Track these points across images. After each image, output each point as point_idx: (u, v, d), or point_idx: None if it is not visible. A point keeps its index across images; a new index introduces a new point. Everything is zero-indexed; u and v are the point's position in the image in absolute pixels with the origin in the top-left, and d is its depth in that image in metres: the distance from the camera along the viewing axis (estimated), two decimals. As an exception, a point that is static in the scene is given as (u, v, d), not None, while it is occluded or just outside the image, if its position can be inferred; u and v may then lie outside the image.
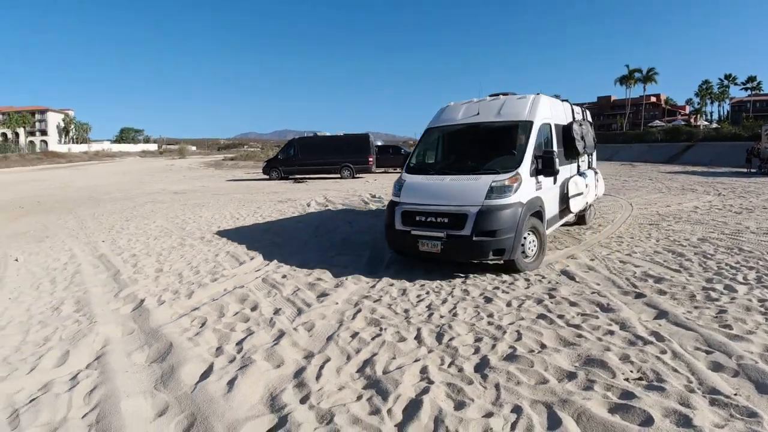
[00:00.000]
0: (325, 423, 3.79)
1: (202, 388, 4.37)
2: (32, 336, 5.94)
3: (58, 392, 4.45)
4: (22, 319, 6.56)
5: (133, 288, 7.71)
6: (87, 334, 5.79)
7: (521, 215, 7.65)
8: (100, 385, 4.51)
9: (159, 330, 5.83)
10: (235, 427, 3.78)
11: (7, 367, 5.07)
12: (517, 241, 7.61)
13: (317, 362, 4.85)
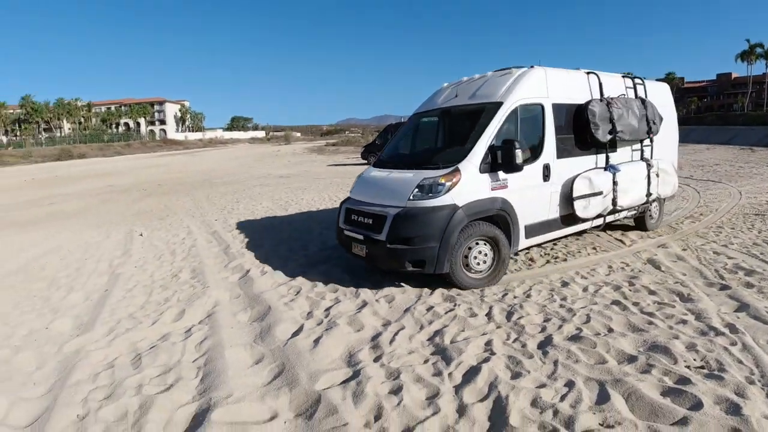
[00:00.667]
0: (392, 379, 4.32)
1: (292, 344, 5.08)
2: (154, 297, 6.99)
3: (174, 341, 5.36)
4: (146, 284, 7.68)
5: (240, 260, 8.69)
6: (200, 296, 6.74)
7: (453, 221, 6.42)
8: (209, 337, 5.37)
9: (260, 295, 6.67)
10: (317, 376, 4.42)
11: (133, 321, 6.09)
12: (444, 252, 6.38)
13: (393, 329, 5.39)
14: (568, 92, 7.92)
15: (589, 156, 8.15)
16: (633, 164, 8.72)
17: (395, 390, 4.13)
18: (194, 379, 4.51)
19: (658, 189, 9.13)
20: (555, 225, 7.80)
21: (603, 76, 8.56)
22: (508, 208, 6.95)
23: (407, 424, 3.65)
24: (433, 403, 3.92)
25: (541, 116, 7.49)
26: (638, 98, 8.98)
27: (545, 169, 7.43)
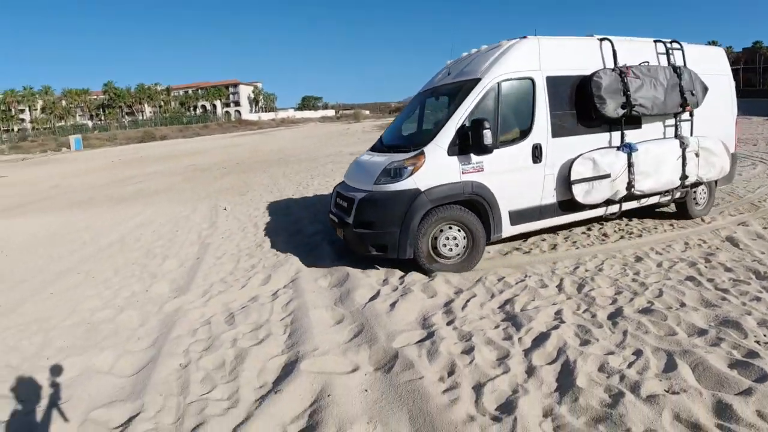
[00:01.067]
0: (464, 341, 4.58)
1: (370, 307, 5.43)
2: (242, 264, 7.53)
3: (263, 303, 5.85)
4: (233, 252, 8.26)
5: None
6: (284, 264, 7.23)
7: (414, 206, 6.26)
8: (293, 300, 5.82)
9: (334, 262, 7.07)
10: (393, 335, 4.75)
11: (224, 285, 6.65)
12: (406, 237, 6.29)
13: (465, 297, 5.64)
14: (569, 63, 7.18)
15: (597, 134, 7.33)
16: (660, 142, 7.65)
17: (467, 350, 4.39)
18: (282, 335, 4.95)
19: (698, 171, 7.90)
20: (551, 211, 7.17)
21: (621, 41, 7.59)
22: (484, 193, 6.56)
23: (478, 380, 3.90)
24: (503, 363, 4.15)
25: (531, 91, 6.88)
26: (670, 66, 7.78)
27: (535, 150, 6.85)
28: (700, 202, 8.70)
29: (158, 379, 4.29)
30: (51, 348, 5.18)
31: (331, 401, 3.68)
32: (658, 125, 7.85)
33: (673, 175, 7.68)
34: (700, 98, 7.86)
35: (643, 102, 7.24)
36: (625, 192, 7.33)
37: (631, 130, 7.53)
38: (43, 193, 22.87)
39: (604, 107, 6.99)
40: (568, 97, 7.11)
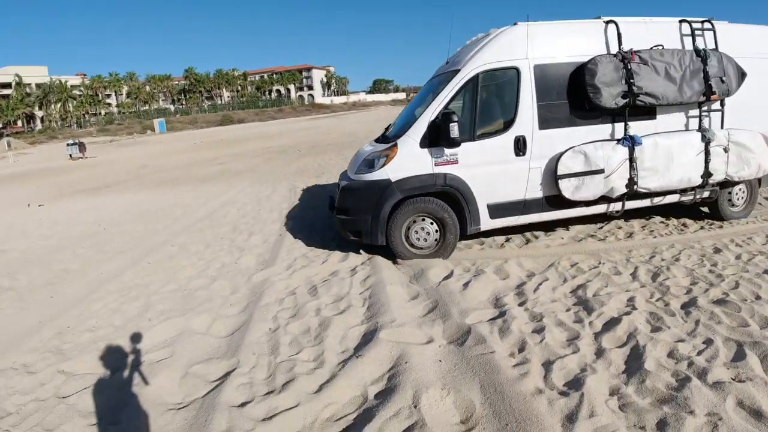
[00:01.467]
0: (535, 321, 4.74)
1: (444, 285, 5.67)
2: (321, 241, 7.92)
3: (343, 277, 6.21)
4: (312, 230, 8.67)
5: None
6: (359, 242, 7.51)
7: (384, 195, 6.47)
8: (371, 276, 6.14)
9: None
10: (466, 312, 4.97)
11: (306, 260, 7.10)
12: (376, 225, 6.53)
13: (537, 280, 5.78)
14: (564, 49, 6.77)
15: (595, 125, 6.85)
16: (673, 135, 6.97)
17: (538, 330, 4.55)
18: (362, 308, 5.29)
19: (727, 169, 7.13)
20: (537, 206, 6.89)
21: (631, 23, 7.00)
22: (459, 185, 6.54)
23: (548, 358, 4.07)
24: (572, 344, 4.29)
25: (516, 81, 6.62)
26: (694, 49, 7.02)
27: (518, 143, 6.62)
28: (737, 203, 7.86)
29: (251, 340, 4.72)
30: (152, 311, 5.77)
31: (408, 367, 3.96)
32: (677, 116, 7.14)
33: (692, 173, 7.00)
34: (733, 85, 7.05)
35: (649, 90, 6.67)
36: (624, 189, 6.82)
37: (641, 121, 6.94)
38: (132, 173, 24.39)
39: (597, 97, 6.55)
40: (559, 86, 6.73)
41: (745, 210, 7.97)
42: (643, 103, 6.70)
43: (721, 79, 6.94)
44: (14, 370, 4.71)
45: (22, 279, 7.72)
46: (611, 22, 6.87)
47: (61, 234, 10.91)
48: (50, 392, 4.24)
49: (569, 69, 6.68)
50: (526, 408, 3.40)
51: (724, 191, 7.69)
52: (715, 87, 6.90)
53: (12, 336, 5.56)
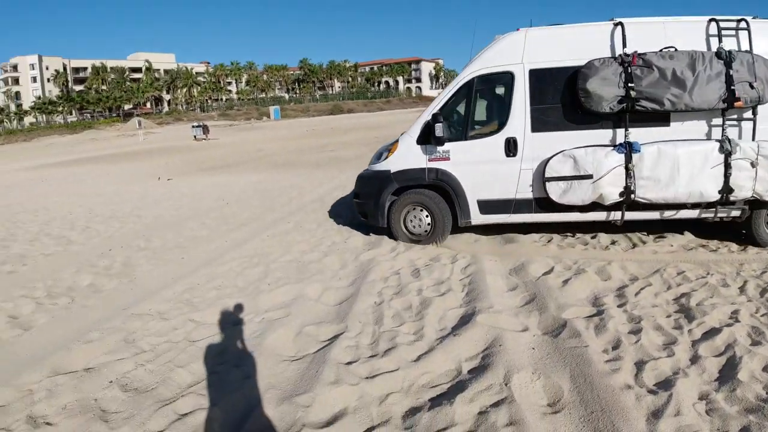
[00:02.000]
0: (633, 323, 4.76)
1: (543, 280, 5.81)
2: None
3: (444, 263, 6.52)
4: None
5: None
6: (464, 233, 7.79)
7: (383, 184, 7.36)
8: (471, 264, 6.40)
9: (515, 237, 7.53)
10: (563, 307, 5.09)
11: (409, 245, 7.40)
12: (377, 209, 7.43)
13: (640, 285, 5.73)
14: (563, 54, 6.64)
15: (592, 130, 6.64)
16: (683, 144, 6.41)
17: (634, 331, 4.59)
18: (461, 293, 5.57)
19: (755, 186, 6.34)
20: (527, 207, 6.94)
21: (640, 24, 6.66)
22: (449, 180, 7.05)
23: (641, 358, 4.11)
24: (668, 348, 4.29)
25: (510, 85, 6.77)
26: (717, 51, 6.33)
27: (509, 144, 6.78)
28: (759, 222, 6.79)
29: (358, 310, 5.17)
30: (271, 277, 6.41)
31: (502, 350, 4.19)
32: (696, 124, 6.54)
33: (706, 186, 6.37)
34: (766, 92, 6.26)
35: (651, 95, 6.28)
36: (617, 197, 6.53)
37: (651, 128, 6.52)
38: (250, 155, 26.01)
39: (588, 101, 6.38)
40: (554, 90, 6.67)
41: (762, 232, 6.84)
42: (644, 109, 6.35)
43: (750, 84, 6.22)
44: (150, 315, 5.45)
45: (156, 241, 8.71)
46: (619, 24, 6.57)
47: (188, 205, 12.05)
48: (181, 336, 4.90)
49: (567, 73, 6.58)
50: (613, 400, 3.51)
51: (761, 212, 6.71)
52: (740, 93, 6.21)
53: (148, 288, 6.39)
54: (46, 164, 32.87)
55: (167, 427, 3.53)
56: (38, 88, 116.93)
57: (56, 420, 3.72)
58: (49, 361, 4.55)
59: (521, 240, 7.39)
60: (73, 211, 12.77)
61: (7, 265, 8.01)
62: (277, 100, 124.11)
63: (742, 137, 6.43)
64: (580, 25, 6.92)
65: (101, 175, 22.22)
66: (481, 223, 7.29)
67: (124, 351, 4.65)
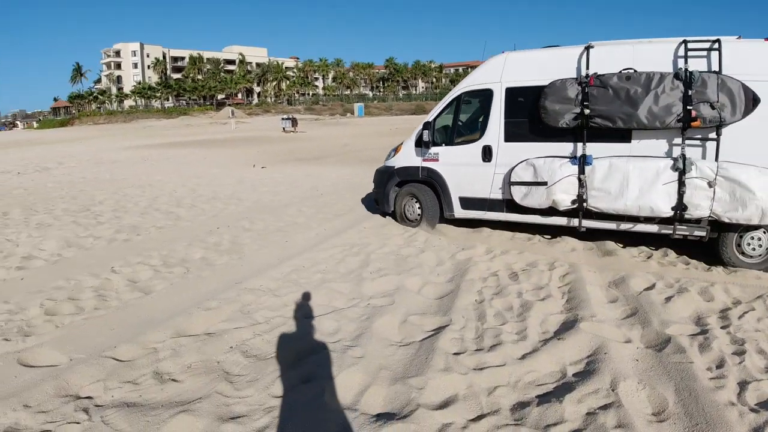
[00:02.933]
0: (736, 344, 4.62)
1: (645, 296, 5.72)
2: (519, 234, 8.28)
3: (542, 269, 6.56)
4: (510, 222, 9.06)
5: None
6: (559, 241, 7.79)
7: (388, 176, 8.94)
8: (570, 273, 6.38)
9: (614, 251, 7.39)
10: (667, 323, 5.03)
11: (504, 248, 7.48)
12: (383, 197, 9.07)
13: (743, 309, 5.52)
14: (535, 74, 7.32)
15: (556, 143, 7.23)
16: (636, 160, 6.67)
17: (738, 353, 4.50)
18: (561, 299, 5.60)
19: (713, 206, 6.33)
20: (498, 206, 7.85)
21: (608, 47, 7.04)
22: (436, 178, 8.33)
23: (744, 378, 4.05)
24: (771, 371, 4.24)
25: (489, 101, 7.75)
26: (676, 72, 6.44)
27: (485, 150, 7.80)
28: (751, 252, 6.61)
29: (460, 305, 5.34)
30: (372, 267, 6.71)
31: (607, 357, 4.23)
32: (656, 142, 6.74)
33: (657, 202, 6.54)
34: (728, 113, 6.21)
35: (604, 113, 6.70)
36: (570, 205, 7.08)
37: (612, 143, 6.89)
38: (336, 149, 26.68)
39: (546, 117, 7.04)
40: (524, 106, 7.42)
41: (763, 259, 6.59)
42: (597, 125, 6.81)
43: (711, 104, 6.24)
44: (261, 291, 5.85)
45: (258, 224, 9.24)
46: (589, 47, 7.00)
47: (285, 193, 12.63)
48: (293, 313, 5.24)
49: (535, 91, 7.18)
50: (717, 414, 3.52)
51: (729, 234, 6.61)
52: (698, 113, 6.29)
53: (257, 266, 6.85)
54: (146, 145, 35.02)
55: (290, 390, 3.83)
56: (138, 74, 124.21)
57: (182, 377, 4.10)
58: (172, 323, 5.01)
59: (620, 253, 7.29)
60: (177, 189, 13.66)
61: (123, 233, 8.75)
62: (361, 98, 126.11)
63: (705, 157, 6.50)
64: (553, 48, 7.56)
65: (199, 159, 23.47)
66: (463, 217, 8.37)
67: (240, 321, 5.04)
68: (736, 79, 6.24)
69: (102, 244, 8.13)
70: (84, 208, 11.27)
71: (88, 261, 7.22)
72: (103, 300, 5.73)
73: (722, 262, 6.72)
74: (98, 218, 10.09)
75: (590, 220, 7.22)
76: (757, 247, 6.59)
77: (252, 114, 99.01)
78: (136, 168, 19.89)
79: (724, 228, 6.56)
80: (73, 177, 17.50)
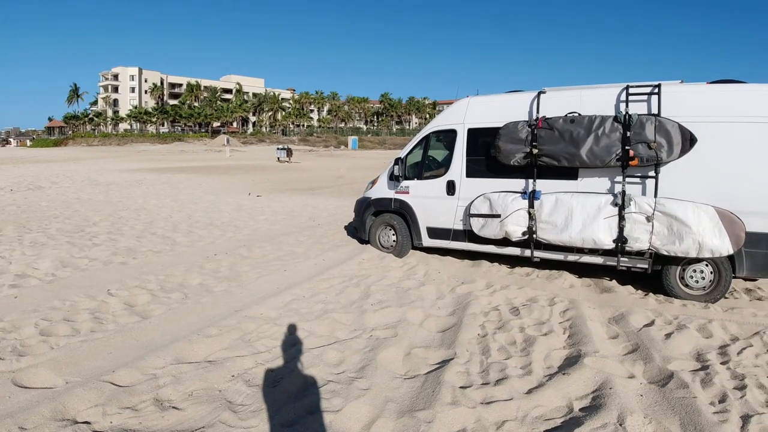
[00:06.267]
0: (737, 380, 4.63)
1: (645, 332, 5.72)
2: (518, 270, 8.28)
3: (543, 305, 6.54)
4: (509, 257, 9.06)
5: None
6: (557, 278, 7.80)
7: (363, 207, 9.59)
8: (570, 309, 6.37)
9: (612, 288, 7.43)
10: (668, 359, 5.01)
11: (504, 283, 7.48)
12: (360, 225, 9.68)
13: (741, 345, 5.51)
14: (493, 116, 7.93)
15: (510, 179, 7.83)
16: (580, 195, 7.16)
17: (739, 387, 4.50)
18: (563, 335, 5.59)
19: (652, 239, 6.70)
20: (461, 237, 8.35)
21: (564, 92, 7.60)
22: (406, 209, 8.95)
23: (746, 413, 4.07)
24: (773, 406, 4.24)
25: (453, 140, 8.39)
26: (615, 115, 6.94)
27: (449, 185, 8.41)
28: (693, 284, 6.91)
29: (463, 339, 5.30)
30: (372, 299, 6.68)
31: (613, 392, 4.22)
32: (600, 180, 7.26)
33: (599, 234, 6.95)
34: (665, 152, 6.62)
35: (550, 153, 7.27)
36: (521, 236, 7.51)
37: (561, 180, 7.44)
38: (332, 181, 26.78)
39: (498, 155, 7.65)
40: (484, 145, 8.01)
41: (710, 295, 6.86)
42: (545, 164, 7.36)
43: (648, 144, 6.68)
44: (262, 319, 5.80)
45: (257, 252, 9.20)
46: (540, 93, 7.61)
47: (283, 222, 12.63)
48: (295, 342, 5.17)
49: (493, 132, 7.76)
50: (723, 448, 3.51)
51: (672, 267, 6.96)
52: (635, 152, 6.76)
53: (256, 294, 6.79)
54: (141, 168, 34.95)
55: (296, 421, 3.77)
56: (135, 98, 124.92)
57: (183, 405, 4.03)
58: (171, 349, 4.94)
59: (618, 290, 7.32)
60: (173, 215, 13.61)
61: (119, 256, 8.68)
62: (355, 131, 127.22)
63: (645, 193, 6.95)
64: (511, 94, 8.18)
65: (194, 185, 23.44)
66: (430, 245, 8.90)
67: (242, 349, 4.98)
68: (673, 121, 6.65)
69: (98, 266, 8.05)
70: (79, 228, 11.20)
71: (84, 282, 7.15)
72: (99, 323, 5.65)
73: (665, 293, 7.07)
74: (93, 239, 10.01)
75: (541, 251, 7.66)
76: (700, 279, 6.92)
77: (247, 143, 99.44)
78: (131, 191, 19.82)
79: (667, 261, 6.93)
80: (68, 197, 17.43)
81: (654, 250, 6.81)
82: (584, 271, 8.06)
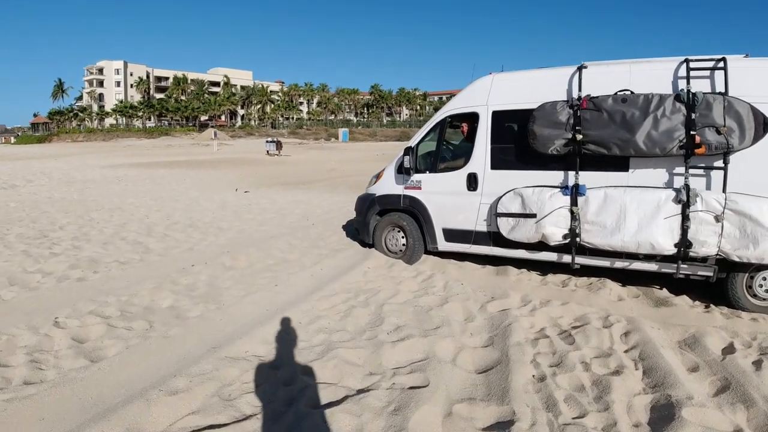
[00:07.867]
0: None
1: (731, 360, 4.46)
2: (552, 279, 7.04)
3: (597, 327, 5.25)
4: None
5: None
6: (601, 288, 6.56)
7: (366, 205, 8.23)
8: (632, 332, 5.08)
9: (668, 299, 6.20)
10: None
11: (541, 296, 6.23)
12: (363, 226, 8.32)
13: None
14: (523, 96, 6.65)
15: (545, 171, 6.54)
16: (635, 191, 5.95)
17: None
18: (637, 371, 4.31)
19: (720, 242, 5.57)
20: (484, 239, 7.10)
21: (604, 67, 6.39)
22: (419, 207, 7.59)
23: None
24: None
25: (474, 125, 7.09)
26: (678, 93, 5.72)
27: (470, 179, 7.10)
28: (764, 294, 5.78)
29: (517, 387, 3.96)
30: (387, 323, 5.33)
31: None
32: (656, 171, 6.02)
33: (658, 238, 5.77)
34: (736, 138, 5.46)
35: (598, 139, 5.99)
36: (561, 239, 6.31)
37: (608, 172, 6.18)
38: (323, 174, 25.49)
39: (535, 143, 6.32)
40: (513, 131, 6.84)
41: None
42: (591, 153, 6.09)
43: (717, 129, 5.51)
44: (248, 361, 4.47)
45: (242, 260, 7.88)
46: (582, 67, 6.31)
47: (272, 221, 11.31)
48: (293, 400, 3.87)
49: (524, 115, 6.47)
50: None
51: (738, 274, 5.80)
52: (702, 139, 5.58)
53: (240, 321, 5.45)
54: (124, 164, 33.40)
55: None
56: (121, 92, 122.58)
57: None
58: (122, 415, 3.59)
59: (676, 303, 6.09)
60: (150, 215, 12.25)
61: (77, 270, 7.29)
62: (345, 123, 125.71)
63: (711, 188, 5.77)
64: (544, 69, 6.90)
65: (178, 180, 21.99)
66: (446, 250, 7.59)
67: (219, 412, 3.66)
68: (744, 101, 5.50)
69: (50, 284, 6.65)
70: (41, 234, 9.79)
71: (30, 306, 5.76)
72: (37, 369, 4.30)
73: (729, 305, 5.90)
74: (53, 248, 8.57)
75: (584, 257, 6.44)
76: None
77: (235, 136, 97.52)
78: (109, 188, 18.36)
79: (733, 267, 5.78)
80: (40, 196, 16.00)
81: (723, 256, 5.63)
82: (626, 278, 6.81)
